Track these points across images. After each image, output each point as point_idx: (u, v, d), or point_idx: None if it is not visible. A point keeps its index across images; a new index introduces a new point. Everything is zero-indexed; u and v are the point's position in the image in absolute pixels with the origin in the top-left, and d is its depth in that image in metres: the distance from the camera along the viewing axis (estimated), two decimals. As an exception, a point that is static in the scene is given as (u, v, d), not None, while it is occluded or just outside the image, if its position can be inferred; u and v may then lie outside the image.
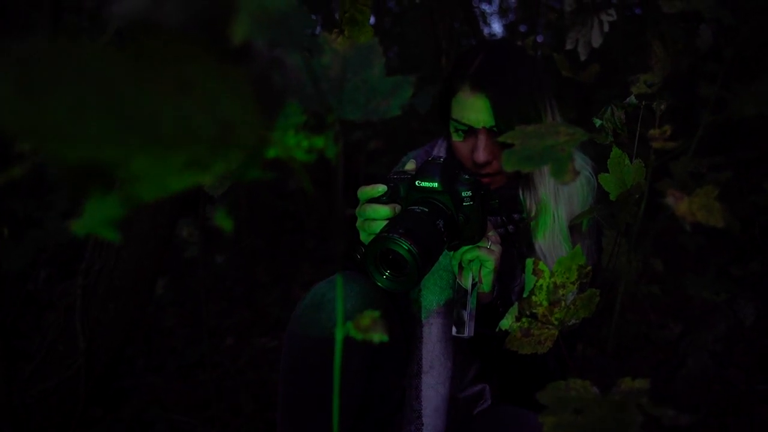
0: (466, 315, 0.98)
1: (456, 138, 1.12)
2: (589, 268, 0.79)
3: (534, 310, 0.77)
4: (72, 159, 0.30)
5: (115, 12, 0.27)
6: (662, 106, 0.87)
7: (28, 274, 1.98)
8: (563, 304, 0.77)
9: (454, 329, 0.99)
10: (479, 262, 0.97)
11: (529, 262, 0.78)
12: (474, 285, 0.98)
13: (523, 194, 1.15)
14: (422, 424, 1.06)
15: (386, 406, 1.11)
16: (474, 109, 1.06)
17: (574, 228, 1.13)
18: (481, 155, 1.07)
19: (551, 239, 1.11)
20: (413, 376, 1.10)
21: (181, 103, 0.30)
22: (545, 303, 0.77)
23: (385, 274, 0.89)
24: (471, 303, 0.98)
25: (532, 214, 1.13)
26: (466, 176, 0.97)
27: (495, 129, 1.06)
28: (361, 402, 1.02)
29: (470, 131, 1.09)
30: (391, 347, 1.08)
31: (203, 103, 0.30)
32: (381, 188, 0.96)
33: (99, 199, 0.32)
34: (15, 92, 0.28)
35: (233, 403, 1.81)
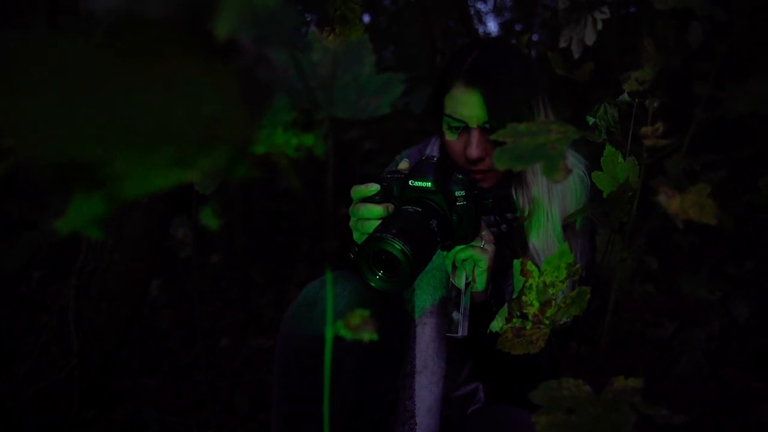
0: (459, 315, 0.98)
1: (449, 136, 1.12)
2: (579, 265, 0.78)
3: (525, 310, 0.77)
4: (55, 156, 0.29)
5: (93, 8, 0.27)
6: (655, 104, 0.87)
7: (22, 275, 1.97)
8: (554, 302, 0.77)
9: (447, 329, 0.99)
10: (473, 262, 0.97)
11: (516, 263, 0.77)
12: (467, 284, 0.98)
13: (516, 193, 1.15)
14: (416, 424, 1.06)
15: (380, 406, 1.11)
16: (467, 105, 1.06)
17: (567, 226, 1.12)
18: (474, 151, 1.07)
19: (545, 238, 1.11)
20: (407, 376, 1.09)
21: (165, 99, 0.29)
22: (536, 303, 0.77)
23: (378, 274, 0.88)
24: (464, 303, 0.98)
25: (526, 213, 1.13)
26: (460, 176, 0.96)
27: (488, 126, 1.06)
28: (354, 402, 1.02)
29: (464, 128, 1.09)
30: (385, 347, 1.08)
31: (188, 99, 0.30)
32: (374, 187, 0.95)
33: (84, 198, 0.32)
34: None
35: (228, 404, 1.80)
